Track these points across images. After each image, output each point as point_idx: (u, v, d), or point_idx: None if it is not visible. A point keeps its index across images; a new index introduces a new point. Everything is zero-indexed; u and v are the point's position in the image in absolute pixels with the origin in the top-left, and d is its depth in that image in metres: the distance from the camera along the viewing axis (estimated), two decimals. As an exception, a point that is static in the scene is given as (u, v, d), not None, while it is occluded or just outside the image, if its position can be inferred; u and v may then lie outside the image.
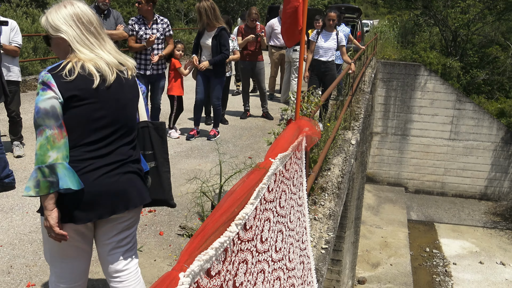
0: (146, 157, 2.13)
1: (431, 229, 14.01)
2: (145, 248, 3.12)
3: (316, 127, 2.64)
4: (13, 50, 4.50)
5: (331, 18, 6.19)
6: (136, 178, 1.98)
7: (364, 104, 8.26)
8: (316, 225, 3.50)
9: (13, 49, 4.50)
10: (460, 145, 15.31)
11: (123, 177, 1.91)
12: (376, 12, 55.84)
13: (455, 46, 18.17)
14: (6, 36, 4.45)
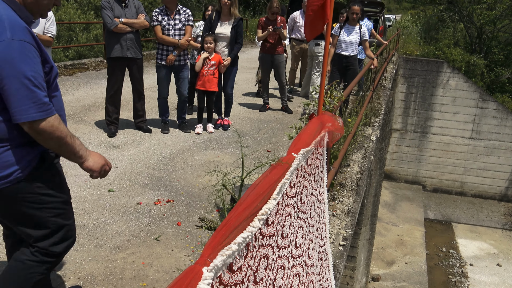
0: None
1: (448, 228, 13.81)
2: (163, 238, 3.14)
3: (339, 122, 2.60)
4: (47, 40, 4.49)
5: (355, 11, 6.09)
6: None
7: (384, 100, 8.14)
8: (334, 222, 3.47)
9: (47, 39, 4.49)
10: (482, 145, 15.01)
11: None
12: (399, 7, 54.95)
13: (479, 43, 17.75)
14: (41, 26, 4.49)
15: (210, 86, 5.44)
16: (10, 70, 1.61)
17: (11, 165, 1.72)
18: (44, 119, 1.68)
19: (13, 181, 1.73)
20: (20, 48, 1.64)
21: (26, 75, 1.63)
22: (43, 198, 1.81)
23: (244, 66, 10.75)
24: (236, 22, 5.53)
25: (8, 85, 1.62)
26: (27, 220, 1.82)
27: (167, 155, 4.74)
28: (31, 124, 1.66)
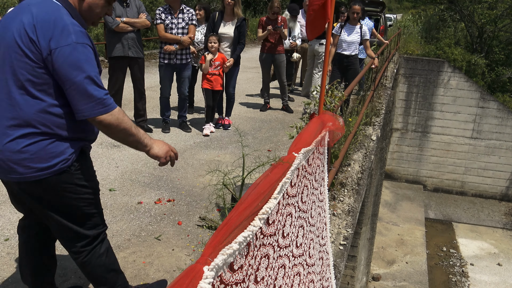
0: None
1: (448, 228, 13.81)
2: (163, 237, 3.14)
3: (340, 122, 2.60)
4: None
5: (355, 11, 6.09)
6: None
7: (385, 100, 8.14)
8: (335, 221, 3.47)
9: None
10: (482, 144, 15.00)
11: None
12: (399, 6, 54.88)
13: (480, 43, 17.73)
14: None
15: (216, 86, 5.45)
16: (77, 71, 1.73)
17: (56, 156, 1.80)
18: (110, 113, 1.80)
19: (57, 171, 1.81)
20: (84, 51, 1.76)
21: (91, 75, 1.75)
22: (80, 188, 1.91)
23: (245, 66, 10.74)
24: (240, 22, 5.53)
25: (75, 85, 1.73)
26: (64, 209, 1.91)
27: (168, 155, 4.74)
28: (99, 119, 1.78)
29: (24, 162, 1.76)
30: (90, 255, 2.02)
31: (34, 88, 1.74)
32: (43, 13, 1.74)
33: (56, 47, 1.71)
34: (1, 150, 1.76)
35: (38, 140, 1.77)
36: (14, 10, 1.85)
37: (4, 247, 2.88)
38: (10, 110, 1.75)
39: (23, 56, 1.72)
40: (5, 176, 1.82)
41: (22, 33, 1.72)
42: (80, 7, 1.88)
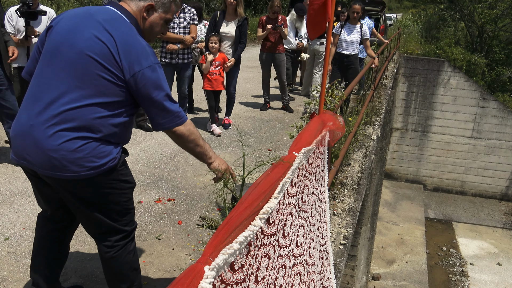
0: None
1: (448, 228, 13.82)
2: (163, 236, 3.14)
3: (340, 121, 2.60)
4: None
5: (355, 10, 6.08)
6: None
7: (385, 99, 8.13)
8: (335, 221, 3.47)
9: None
10: (482, 144, 15.00)
11: None
12: (399, 6, 54.85)
13: (480, 42, 17.73)
14: (43, 25, 4.52)
15: (217, 86, 5.45)
16: (158, 90, 1.91)
17: (106, 156, 1.91)
18: (183, 124, 2.01)
19: (106, 169, 1.92)
20: (160, 71, 1.95)
21: (168, 92, 1.95)
22: (123, 184, 2.04)
23: (245, 65, 10.74)
24: (241, 21, 5.52)
25: (157, 103, 1.92)
26: (107, 205, 2.01)
27: (168, 154, 4.74)
28: (175, 130, 2.00)
29: (78, 161, 1.85)
30: (121, 251, 2.11)
31: (103, 100, 1.87)
32: (123, 36, 1.88)
33: (139, 70, 1.87)
34: (56, 149, 1.82)
35: (91, 141, 1.87)
36: (76, 14, 1.92)
37: (4, 246, 2.88)
38: (70, 114, 1.83)
39: (103, 71, 1.84)
40: (53, 174, 1.86)
41: (103, 50, 1.84)
42: (144, 26, 2.04)
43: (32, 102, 1.88)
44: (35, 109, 1.86)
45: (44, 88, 1.87)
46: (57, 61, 1.86)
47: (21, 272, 2.64)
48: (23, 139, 1.87)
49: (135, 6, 1.99)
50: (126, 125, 2.00)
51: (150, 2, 2.00)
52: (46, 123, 1.83)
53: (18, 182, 3.79)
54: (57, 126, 1.83)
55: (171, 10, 2.09)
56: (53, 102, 1.84)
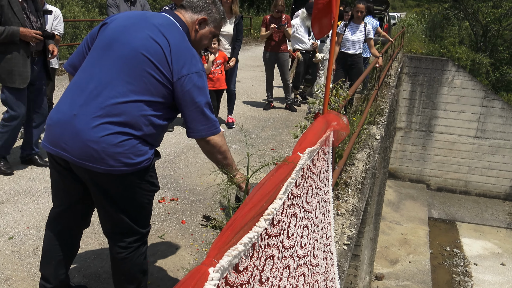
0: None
1: (452, 228, 13.77)
2: (167, 236, 3.14)
3: (344, 121, 2.58)
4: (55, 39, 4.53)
5: (360, 9, 6.07)
6: None
7: (389, 99, 8.11)
8: (338, 221, 3.47)
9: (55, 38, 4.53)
10: (486, 144, 14.94)
11: None
12: (403, 5, 54.71)
13: (485, 42, 17.65)
14: (49, 24, 4.51)
15: (220, 85, 5.45)
16: (202, 96, 1.98)
17: (143, 155, 1.95)
18: (218, 135, 2.06)
19: (141, 168, 1.96)
20: (205, 78, 2.03)
21: (208, 101, 2.01)
22: (150, 186, 2.08)
23: (248, 64, 10.74)
24: (238, 20, 5.54)
25: (199, 108, 1.97)
26: (130, 204, 2.04)
27: (172, 153, 4.74)
28: (209, 139, 2.04)
29: (117, 156, 1.88)
30: (134, 252, 2.13)
31: (149, 98, 1.92)
32: (177, 41, 1.97)
33: (187, 73, 1.94)
34: (98, 141, 1.85)
35: (131, 138, 1.91)
36: (136, 17, 2.02)
37: (9, 245, 2.89)
38: (116, 108, 1.87)
39: (155, 70, 1.91)
40: (89, 166, 1.88)
41: (158, 52, 1.92)
42: (194, 37, 2.13)
43: (78, 93, 1.92)
44: (80, 99, 1.90)
45: (92, 80, 1.92)
46: (109, 56, 1.93)
47: (25, 271, 2.64)
48: (62, 127, 1.90)
49: (189, 18, 2.11)
50: (163, 128, 2.05)
51: (204, 16, 2.12)
52: (92, 114, 1.86)
53: (22, 181, 3.80)
54: (102, 119, 1.86)
55: (220, 26, 2.22)
56: (100, 94, 1.88)
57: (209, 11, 2.13)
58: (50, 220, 2.23)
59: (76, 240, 2.28)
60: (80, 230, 2.29)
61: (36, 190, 3.66)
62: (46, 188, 3.70)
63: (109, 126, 1.86)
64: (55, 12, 4.58)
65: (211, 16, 2.14)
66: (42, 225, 3.15)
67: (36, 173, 3.98)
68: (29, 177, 3.89)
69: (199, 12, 2.11)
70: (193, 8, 2.11)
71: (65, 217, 2.19)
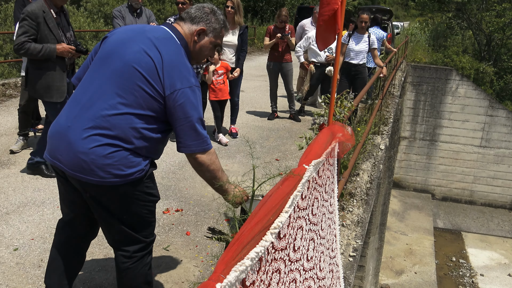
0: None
1: (458, 238, 13.66)
2: (172, 247, 3.13)
3: (349, 132, 2.58)
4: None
5: (363, 20, 6.09)
6: None
7: (393, 108, 8.10)
8: (344, 232, 3.44)
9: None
10: (491, 153, 14.86)
11: None
12: (406, 14, 54.87)
13: (488, 51, 17.65)
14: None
15: (222, 95, 5.46)
16: (194, 111, 1.95)
17: (134, 166, 1.95)
18: (208, 152, 2.04)
19: (132, 180, 1.96)
20: (199, 93, 2.00)
21: (200, 116, 1.99)
22: (147, 196, 2.07)
23: (252, 74, 10.77)
24: (242, 30, 5.57)
25: (190, 123, 1.95)
26: (129, 215, 2.05)
27: (176, 164, 4.74)
28: (197, 156, 2.02)
29: (106, 168, 1.89)
30: (138, 262, 2.13)
31: (140, 111, 1.92)
32: (171, 54, 1.96)
33: (180, 88, 1.92)
34: (87, 152, 1.88)
35: (121, 150, 1.92)
36: (131, 29, 2.03)
37: (13, 257, 2.88)
38: (106, 120, 1.89)
39: (146, 84, 1.91)
40: (81, 177, 1.91)
41: (149, 65, 1.91)
42: (193, 48, 2.11)
43: (74, 105, 1.97)
44: (74, 111, 1.94)
45: (86, 93, 1.96)
46: (104, 69, 1.96)
47: (29, 283, 2.64)
48: (58, 139, 1.95)
49: (187, 29, 2.09)
50: (157, 141, 2.03)
51: (202, 27, 2.10)
52: (83, 126, 1.90)
53: (27, 192, 3.80)
54: (92, 130, 1.89)
55: (221, 35, 2.18)
56: (92, 106, 1.92)
57: (208, 21, 2.11)
58: (57, 230, 2.25)
59: (82, 250, 2.29)
60: (87, 240, 2.29)
61: (42, 201, 3.66)
62: (52, 199, 3.70)
63: (99, 138, 1.89)
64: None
65: (210, 26, 2.12)
66: (47, 236, 3.15)
67: (41, 183, 3.99)
68: (34, 187, 3.90)
69: (197, 23, 2.10)
70: (191, 19, 2.10)
71: (72, 226, 2.21)
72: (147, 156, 2.02)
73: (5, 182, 3.99)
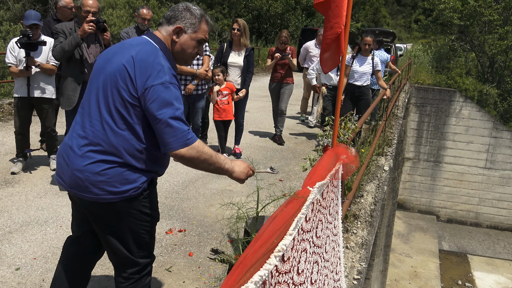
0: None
1: (463, 261, 13.46)
2: (174, 268, 3.10)
3: (353, 154, 2.58)
4: (50, 69, 4.60)
5: (367, 42, 6.15)
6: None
7: (397, 129, 8.11)
8: (348, 254, 3.41)
9: (51, 68, 4.61)
10: (496, 175, 14.77)
11: None
12: (409, 36, 55.42)
13: (492, 73, 17.74)
14: (45, 55, 4.60)
15: (226, 116, 5.49)
16: (167, 108, 1.87)
17: (129, 183, 1.94)
18: (191, 146, 1.91)
19: (127, 197, 1.94)
20: (175, 90, 1.92)
21: (175, 114, 1.88)
22: (143, 216, 2.04)
23: (256, 95, 10.84)
24: (248, 51, 5.63)
25: (164, 120, 1.86)
26: (124, 234, 2.03)
27: (179, 184, 4.74)
28: (182, 153, 1.90)
29: (100, 184, 1.90)
30: (136, 284, 2.12)
31: (124, 122, 1.91)
32: (142, 54, 1.93)
33: (151, 85, 1.87)
34: (82, 170, 1.91)
35: (116, 166, 1.92)
36: (116, 46, 2.06)
37: (15, 276, 2.87)
38: (97, 136, 1.92)
39: (121, 91, 1.90)
40: (78, 194, 1.96)
41: (122, 71, 1.91)
42: (173, 49, 2.07)
43: (74, 124, 2.04)
44: (74, 130, 2.01)
45: (83, 112, 2.02)
46: (92, 88, 2.00)
47: (30, 304, 2.61)
48: (62, 158, 2.01)
49: (165, 32, 2.08)
50: (153, 150, 1.98)
51: (178, 25, 2.06)
52: (78, 144, 1.95)
53: (30, 211, 3.80)
54: (86, 147, 1.93)
55: (202, 29, 2.11)
56: (84, 124, 1.97)
57: (183, 19, 2.07)
58: (65, 246, 2.26)
59: (87, 269, 2.28)
60: (93, 259, 2.29)
61: (44, 220, 3.66)
62: (54, 218, 3.70)
63: (92, 155, 1.92)
64: (50, 43, 4.59)
65: (186, 22, 2.07)
66: (50, 256, 3.13)
67: (45, 203, 3.99)
68: (37, 206, 3.90)
69: (173, 23, 2.07)
70: (167, 20, 2.09)
71: (79, 244, 2.22)
72: (147, 170, 1.99)
73: (8, 200, 3.99)
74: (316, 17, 25.93)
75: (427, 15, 40.90)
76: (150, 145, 1.97)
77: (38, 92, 4.61)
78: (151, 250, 2.17)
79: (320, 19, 25.49)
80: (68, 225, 3.60)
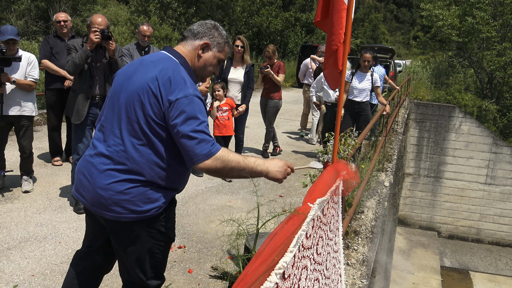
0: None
1: (466, 277, 13.32)
2: (174, 285, 3.07)
3: (353, 170, 2.58)
4: (28, 85, 4.48)
5: (366, 59, 6.19)
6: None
7: (397, 145, 8.12)
8: (349, 271, 3.38)
9: (29, 83, 4.49)
10: (497, 190, 14.72)
11: None
12: (408, 52, 55.89)
13: (491, 88, 17.84)
14: (23, 70, 4.46)
15: (226, 131, 5.50)
16: (192, 120, 1.87)
17: (151, 202, 1.94)
18: (214, 157, 1.88)
19: (148, 216, 1.94)
20: (199, 103, 1.92)
21: (203, 124, 1.89)
22: (161, 236, 2.03)
23: (256, 110, 10.84)
24: (249, 68, 5.66)
25: (186, 134, 1.86)
26: (143, 254, 2.02)
27: (179, 199, 4.73)
28: (203, 165, 1.88)
29: (123, 203, 1.90)
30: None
31: (148, 140, 1.91)
32: (165, 71, 1.93)
33: (176, 98, 1.87)
34: (104, 188, 1.91)
35: (139, 185, 1.92)
36: (135, 63, 2.06)
37: (13, 294, 2.84)
38: (121, 155, 1.92)
39: (145, 109, 1.89)
40: (100, 212, 1.95)
41: (146, 89, 1.90)
42: (195, 63, 2.08)
43: (96, 143, 2.03)
44: (96, 148, 2.00)
45: (105, 130, 2.01)
46: (114, 107, 2.00)
47: (28, 322, 2.58)
48: (82, 174, 2.01)
49: (190, 46, 2.08)
50: (175, 167, 1.97)
51: (206, 41, 2.08)
52: (101, 163, 1.95)
53: (29, 227, 3.78)
54: (109, 166, 1.93)
55: (224, 51, 2.15)
56: (107, 142, 1.97)
57: (211, 36, 2.09)
58: (74, 260, 2.25)
59: (94, 283, 2.27)
60: (101, 273, 2.28)
61: (43, 236, 3.64)
62: (53, 234, 3.68)
63: (115, 174, 1.92)
64: (29, 58, 4.54)
65: (214, 40, 2.10)
66: (48, 273, 3.10)
67: (44, 219, 3.97)
68: (36, 223, 3.88)
69: (200, 38, 2.08)
70: (194, 35, 2.09)
71: (89, 258, 2.21)
72: (169, 188, 1.99)
73: (7, 216, 3.97)
74: (316, 34, 26.18)
75: (425, 31, 41.38)
76: (173, 161, 1.96)
77: (16, 110, 4.45)
78: (162, 271, 2.17)
79: (320, 36, 25.74)
80: (67, 241, 3.58)
